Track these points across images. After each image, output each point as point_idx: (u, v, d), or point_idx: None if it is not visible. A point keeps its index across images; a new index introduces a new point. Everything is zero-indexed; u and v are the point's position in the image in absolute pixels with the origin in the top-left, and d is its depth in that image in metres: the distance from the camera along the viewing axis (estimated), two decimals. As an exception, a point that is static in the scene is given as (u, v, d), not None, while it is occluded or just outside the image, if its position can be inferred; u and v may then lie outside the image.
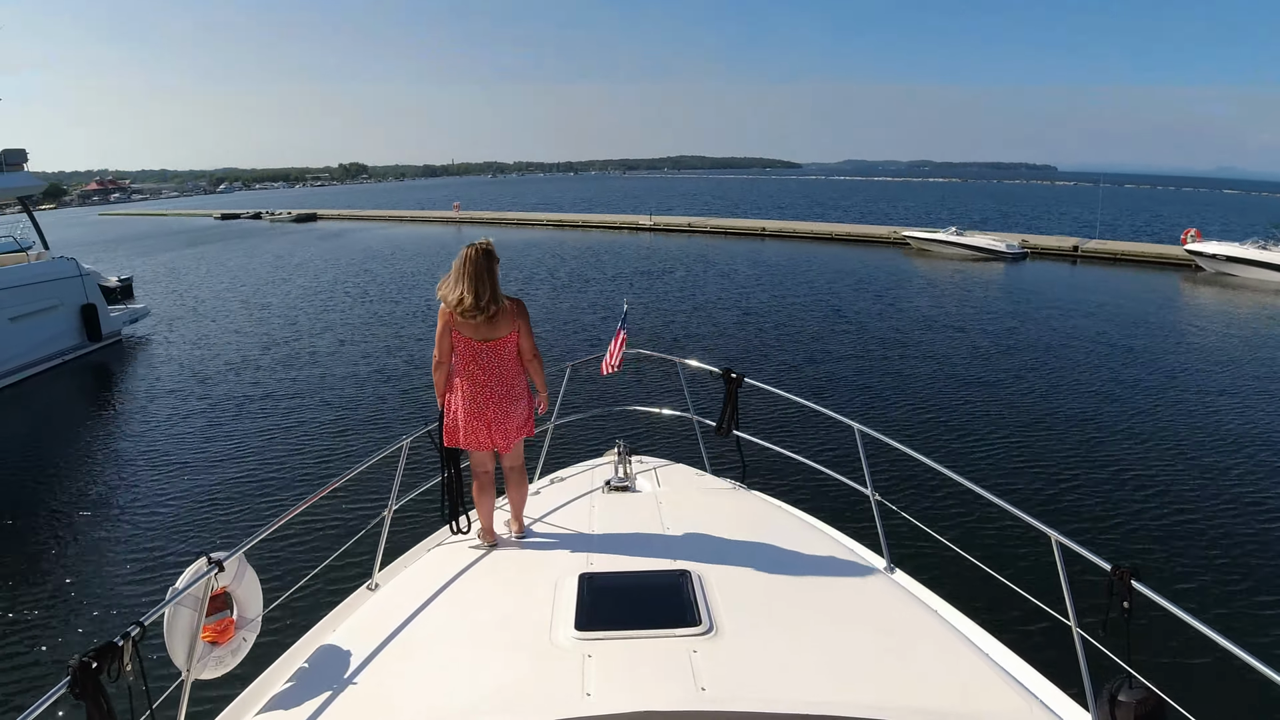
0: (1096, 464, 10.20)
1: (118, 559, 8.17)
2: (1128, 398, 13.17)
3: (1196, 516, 8.72)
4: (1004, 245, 32.48)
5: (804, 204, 73.70)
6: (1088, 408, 12.61)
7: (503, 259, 3.81)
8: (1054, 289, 25.51)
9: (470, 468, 3.98)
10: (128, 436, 12.39)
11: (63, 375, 16.80)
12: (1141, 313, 20.94)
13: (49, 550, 8.45)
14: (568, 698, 2.50)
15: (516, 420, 3.83)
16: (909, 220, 49.76)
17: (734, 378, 4.89)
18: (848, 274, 28.52)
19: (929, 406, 12.82)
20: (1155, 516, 8.73)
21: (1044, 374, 14.77)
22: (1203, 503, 9.06)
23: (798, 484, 8.48)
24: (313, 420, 12.64)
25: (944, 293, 24.67)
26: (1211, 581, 7.38)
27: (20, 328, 16.25)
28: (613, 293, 24.67)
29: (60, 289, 17.65)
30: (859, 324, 19.65)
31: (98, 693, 2.20)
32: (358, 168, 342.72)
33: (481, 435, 3.77)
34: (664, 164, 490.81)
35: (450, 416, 3.80)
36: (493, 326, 3.68)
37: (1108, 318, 20.19)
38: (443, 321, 3.69)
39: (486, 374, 3.72)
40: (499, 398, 3.75)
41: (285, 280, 30.16)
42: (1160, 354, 16.35)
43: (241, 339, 19.20)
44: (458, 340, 3.70)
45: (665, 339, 18.11)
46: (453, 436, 3.81)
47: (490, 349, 3.70)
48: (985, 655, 2.85)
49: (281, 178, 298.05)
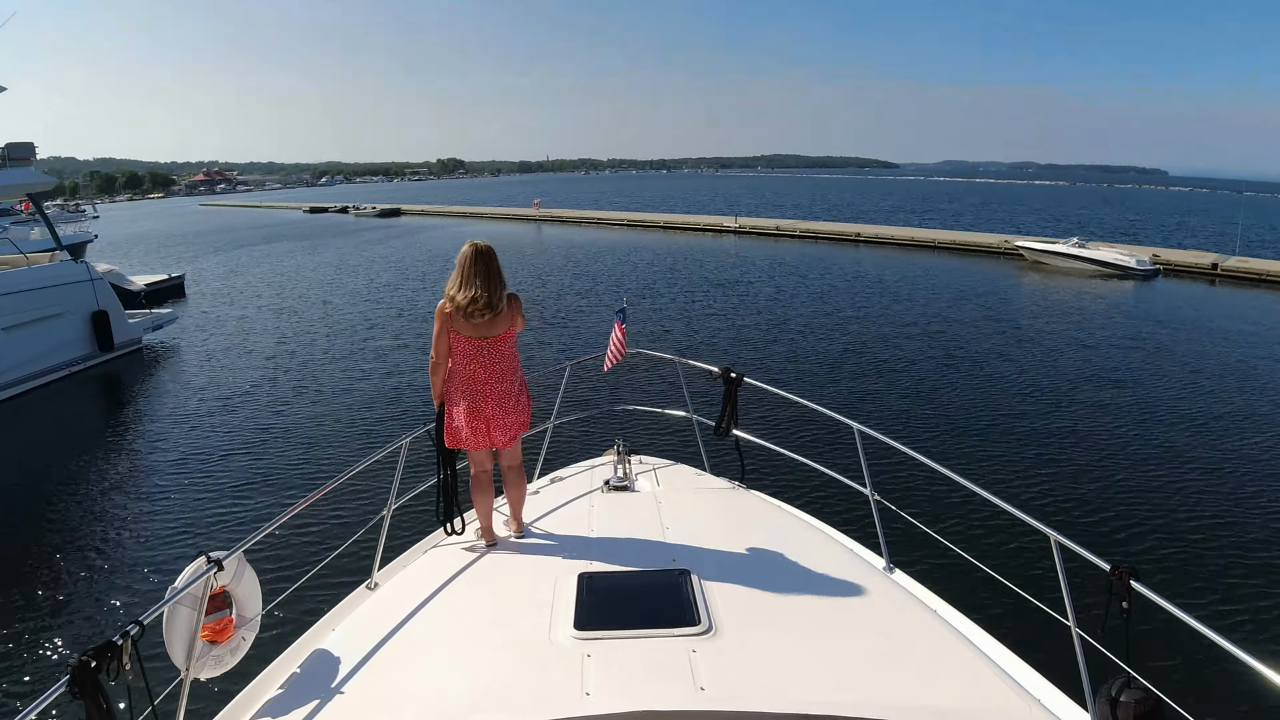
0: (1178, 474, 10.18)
1: (117, 558, 8.17)
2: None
3: (1199, 517, 8.73)
4: (1133, 260, 28.34)
5: (904, 207, 69.46)
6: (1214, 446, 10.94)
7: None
8: (1193, 311, 22.10)
9: (468, 468, 3.96)
10: (128, 438, 12.39)
11: (67, 387, 15.86)
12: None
13: (49, 549, 8.45)
14: (566, 697, 2.50)
15: (516, 417, 3.82)
16: (1021, 228, 45.58)
17: (733, 377, 4.89)
18: (955, 291, 24.75)
19: (1058, 460, 10.43)
20: (1158, 517, 8.74)
21: (1201, 409, 12.60)
22: (1206, 502, 9.07)
23: (797, 484, 8.48)
24: (314, 420, 12.64)
25: (1071, 316, 21.03)
26: (1211, 582, 7.39)
27: (17, 337, 15.26)
28: (677, 312, 21.59)
29: (65, 295, 16.64)
30: (980, 359, 16.20)
31: (97, 691, 2.19)
32: (455, 163, 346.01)
33: (481, 434, 3.76)
34: (758, 162, 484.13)
35: (451, 416, 3.78)
36: (494, 323, 3.67)
37: (1261, 347, 17.39)
38: (441, 321, 3.67)
39: (487, 371, 3.71)
40: (499, 395, 3.74)
41: (336, 282, 29.05)
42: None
43: (262, 342, 19.03)
44: (457, 340, 3.68)
45: (757, 367, 15.55)
46: (455, 437, 3.79)
47: (490, 346, 3.70)
48: (984, 655, 2.85)
49: (381, 172, 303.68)
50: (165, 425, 12.66)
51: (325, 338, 18.99)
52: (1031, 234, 39.02)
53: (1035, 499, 9.12)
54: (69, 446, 11.94)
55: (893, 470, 9.07)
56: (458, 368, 3.73)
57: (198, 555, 2.86)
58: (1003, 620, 3.45)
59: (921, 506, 8.30)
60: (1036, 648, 3.06)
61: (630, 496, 4.45)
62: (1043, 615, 3.16)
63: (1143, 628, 2.49)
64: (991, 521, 7.96)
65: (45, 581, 7.77)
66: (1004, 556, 7.13)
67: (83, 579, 7.80)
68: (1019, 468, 10.21)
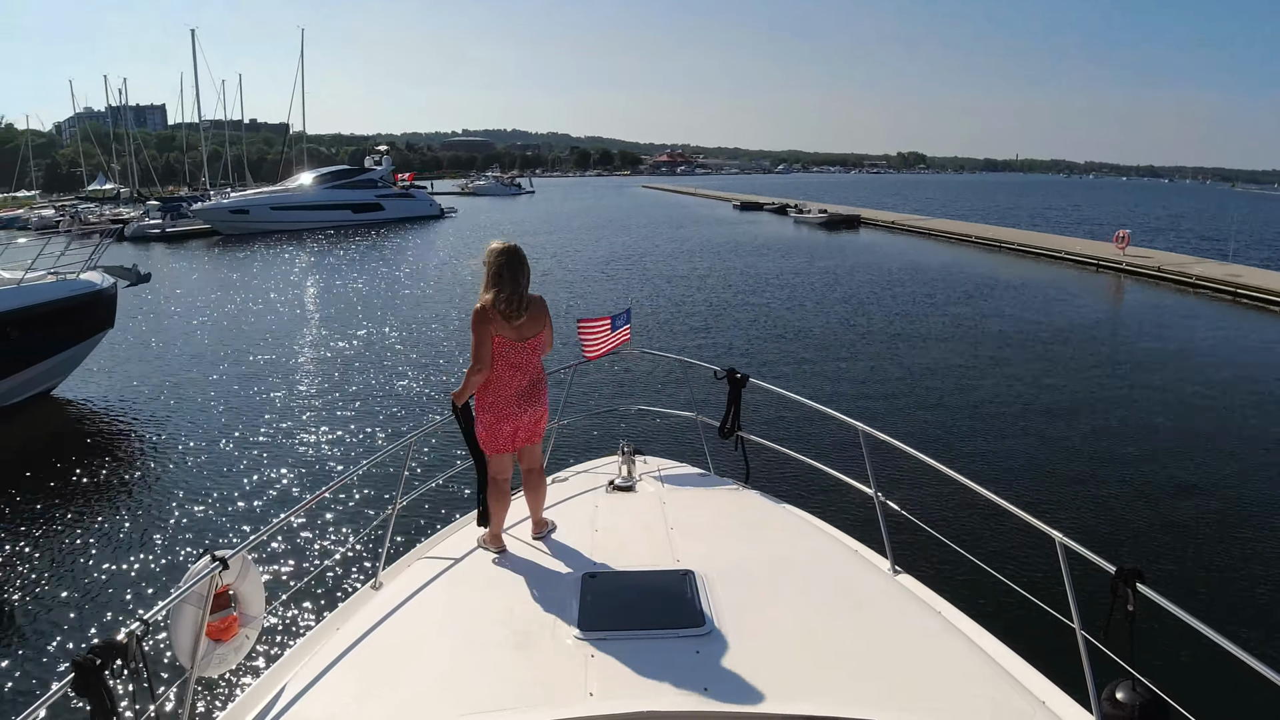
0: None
1: (122, 556, 8.20)
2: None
3: (1208, 519, 8.69)
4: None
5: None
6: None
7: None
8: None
9: (490, 473, 3.92)
10: (130, 436, 12.44)
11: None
12: None
13: (52, 548, 8.48)
14: (570, 697, 2.50)
15: (540, 417, 3.88)
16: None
17: (738, 378, 4.89)
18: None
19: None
20: (1161, 518, 8.70)
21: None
22: (1214, 505, 9.03)
23: (802, 486, 8.46)
24: (316, 420, 12.67)
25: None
26: (1218, 585, 7.35)
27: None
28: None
29: None
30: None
31: (101, 689, 2.20)
32: (915, 157, 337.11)
33: (508, 437, 3.79)
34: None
35: (483, 420, 3.78)
36: (530, 324, 3.71)
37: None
38: (484, 325, 3.63)
39: (522, 373, 3.73)
40: (532, 397, 3.79)
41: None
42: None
43: (256, 344, 19.21)
44: (499, 343, 3.67)
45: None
46: (491, 442, 3.79)
47: (527, 348, 3.73)
48: (988, 656, 2.84)
49: (839, 162, 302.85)
50: (164, 423, 12.70)
51: (340, 342, 19.07)
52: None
53: (1040, 501, 9.09)
54: (69, 441, 12.00)
55: (898, 472, 9.05)
56: (500, 370, 3.71)
57: (203, 554, 2.87)
58: (1008, 622, 3.44)
59: (927, 509, 8.25)
60: (1041, 650, 3.05)
61: (634, 497, 4.45)
62: (1048, 618, 3.15)
63: (1148, 630, 2.48)
64: (996, 524, 7.93)
65: (50, 579, 7.80)
66: (1009, 559, 7.09)
67: (87, 576, 7.82)
68: (1023, 469, 10.18)
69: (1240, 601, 7.08)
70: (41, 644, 6.70)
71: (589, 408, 11.53)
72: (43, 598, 7.46)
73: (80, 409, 14.11)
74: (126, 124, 79.36)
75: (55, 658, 6.44)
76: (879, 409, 12.70)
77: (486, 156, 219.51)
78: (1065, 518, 8.60)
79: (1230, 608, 6.95)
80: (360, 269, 32.05)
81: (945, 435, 11.54)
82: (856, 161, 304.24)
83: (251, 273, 31.69)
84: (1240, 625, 6.59)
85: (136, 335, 19.10)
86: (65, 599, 7.42)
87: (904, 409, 12.85)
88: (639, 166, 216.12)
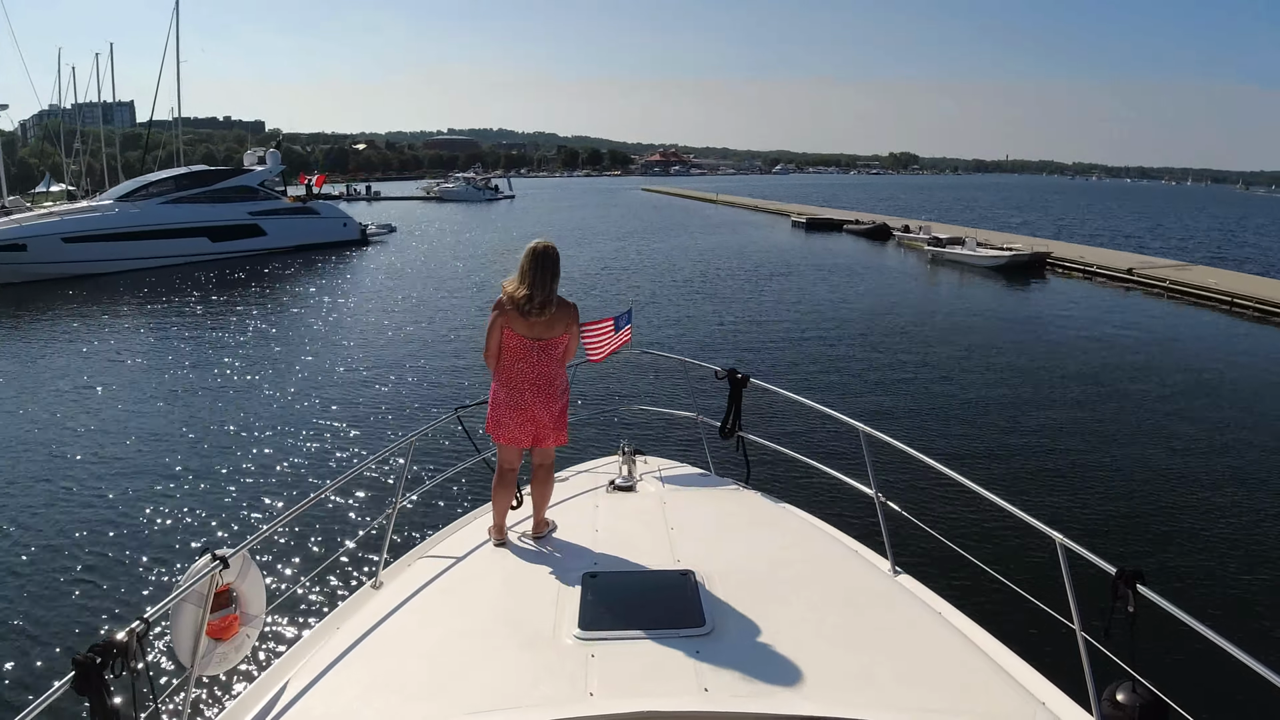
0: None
1: (122, 555, 8.20)
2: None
3: (1205, 519, 8.68)
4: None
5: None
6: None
7: None
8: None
9: (496, 462, 4.02)
10: (130, 435, 12.44)
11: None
12: None
13: (52, 546, 8.48)
14: (570, 697, 2.50)
15: (556, 424, 3.90)
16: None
17: (739, 378, 4.89)
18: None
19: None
20: (1162, 519, 8.69)
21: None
22: (1213, 505, 9.02)
23: (803, 486, 8.46)
24: (317, 419, 12.67)
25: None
26: (1219, 586, 7.35)
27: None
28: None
29: None
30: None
31: (102, 688, 2.20)
32: (908, 157, 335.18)
33: (514, 431, 3.84)
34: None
35: (493, 408, 3.88)
36: (549, 326, 3.75)
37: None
38: (496, 317, 3.75)
39: (535, 372, 3.78)
40: (538, 400, 3.80)
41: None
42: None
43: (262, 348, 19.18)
44: (510, 337, 3.75)
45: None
46: (494, 430, 3.88)
47: (542, 348, 3.77)
48: (988, 657, 2.84)
49: (833, 163, 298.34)
50: (165, 422, 12.70)
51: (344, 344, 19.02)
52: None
53: (1041, 502, 9.09)
54: (71, 435, 12.00)
55: (898, 473, 9.04)
56: (506, 365, 3.80)
57: (204, 552, 2.87)
58: (1008, 623, 3.44)
59: (927, 509, 8.26)
60: (1041, 651, 3.04)
61: (635, 497, 4.45)
62: (1048, 618, 3.15)
63: (1148, 632, 2.48)
64: (997, 524, 7.92)
65: (49, 578, 7.80)
66: (1009, 560, 7.04)
67: (87, 575, 7.82)
68: (1025, 470, 10.18)
69: (1241, 603, 7.07)
70: (41, 644, 6.70)
71: (589, 408, 11.53)
72: (43, 597, 7.46)
73: (78, 405, 14.08)
74: (97, 121, 63.20)
75: (55, 657, 6.44)
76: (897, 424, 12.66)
77: (469, 155, 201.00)
78: (1065, 518, 8.60)
79: (1231, 609, 6.94)
80: (203, 370, 15.93)
81: (945, 435, 11.54)
82: (849, 162, 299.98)
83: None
84: (1240, 626, 6.59)
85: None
86: (65, 598, 7.42)
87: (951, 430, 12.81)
88: (630, 167, 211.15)
